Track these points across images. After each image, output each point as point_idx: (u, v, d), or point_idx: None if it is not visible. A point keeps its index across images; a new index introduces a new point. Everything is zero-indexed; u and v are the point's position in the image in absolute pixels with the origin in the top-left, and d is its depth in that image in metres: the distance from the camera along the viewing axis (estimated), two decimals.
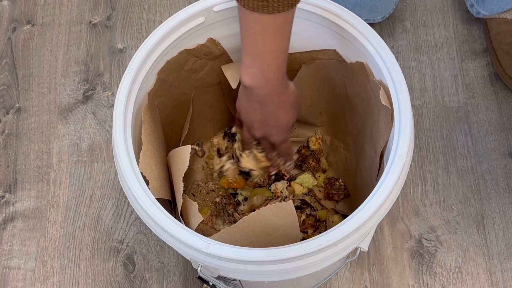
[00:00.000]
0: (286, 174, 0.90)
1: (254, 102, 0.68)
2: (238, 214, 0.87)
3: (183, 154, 0.70)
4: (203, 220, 0.86)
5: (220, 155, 0.91)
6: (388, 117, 0.66)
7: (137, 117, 0.69)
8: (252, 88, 0.65)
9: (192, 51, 0.74)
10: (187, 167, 0.68)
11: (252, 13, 0.58)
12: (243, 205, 0.88)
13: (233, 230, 0.64)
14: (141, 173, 0.63)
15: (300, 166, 0.91)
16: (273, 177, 0.90)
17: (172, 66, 0.73)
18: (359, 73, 0.72)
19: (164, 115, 0.76)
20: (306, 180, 0.89)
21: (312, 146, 0.92)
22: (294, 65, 0.79)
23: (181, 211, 0.68)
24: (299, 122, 0.91)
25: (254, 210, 0.75)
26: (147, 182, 0.64)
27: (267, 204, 0.85)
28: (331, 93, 0.81)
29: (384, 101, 0.65)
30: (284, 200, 0.87)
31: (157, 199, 0.62)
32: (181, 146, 0.77)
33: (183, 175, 0.68)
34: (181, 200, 0.67)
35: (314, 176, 0.90)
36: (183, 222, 0.68)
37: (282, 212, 0.64)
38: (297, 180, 0.89)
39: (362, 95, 0.73)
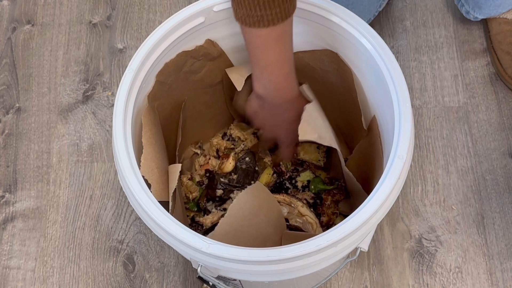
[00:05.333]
0: (285, 172, 0.90)
1: (267, 110, 0.71)
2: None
3: (173, 173, 0.71)
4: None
5: (218, 156, 0.91)
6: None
7: (137, 117, 0.69)
8: (266, 98, 0.69)
9: (190, 53, 0.75)
10: (174, 187, 0.69)
11: (251, 29, 0.61)
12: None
13: (228, 220, 0.66)
14: (143, 176, 0.63)
15: (301, 163, 0.91)
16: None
17: (171, 68, 0.73)
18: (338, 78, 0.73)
19: (163, 117, 0.76)
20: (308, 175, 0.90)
21: None
22: (297, 66, 0.79)
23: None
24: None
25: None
26: (148, 186, 0.64)
27: None
28: (327, 97, 0.81)
29: (302, 136, 0.67)
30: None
31: (158, 201, 0.62)
32: (177, 154, 0.79)
33: (172, 194, 0.69)
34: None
35: (315, 174, 0.90)
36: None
37: (256, 191, 0.67)
38: (300, 178, 0.89)
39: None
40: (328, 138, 0.69)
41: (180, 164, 0.71)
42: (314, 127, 0.69)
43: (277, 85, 0.68)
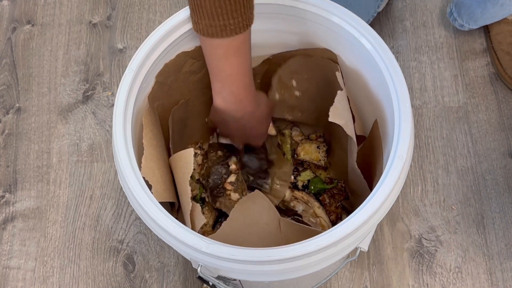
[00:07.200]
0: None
1: (229, 122, 0.73)
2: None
3: (186, 158, 0.70)
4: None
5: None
6: (345, 133, 0.68)
7: (137, 117, 0.69)
8: (226, 111, 0.71)
9: (190, 53, 0.75)
10: (192, 170, 0.69)
11: (213, 40, 0.63)
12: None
13: (230, 223, 0.67)
14: (143, 177, 0.63)
15: (302, 163, 0.91)
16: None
17: (170, 69, 0.73)
18: (335, 81, 0.72)
19: (163, 118, 0.76)
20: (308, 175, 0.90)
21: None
22: (296, 64, 0.79)
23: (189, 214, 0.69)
24: (301, 124, 0.91)
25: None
26: (149, 186, 0.64)
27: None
28: (327, 96, 0.81)
29: (332, 118, 0.66)
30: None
31: (159, 202, 0.62)
32: (171, 147, 0.78)
33: (189, 178, 0.68)
34: (190, 204, 0.68)
35: (315, 174, 0.90)
36: (190, 225, 0.69)
37: (257, 198, 0.69)
38: (300, 177, 0.90)
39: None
40: (351, 128, 0.70)
41: (192, 149, 0.70)
42: (343, 113, 0.70)
43: (237, 96, 0.70)
